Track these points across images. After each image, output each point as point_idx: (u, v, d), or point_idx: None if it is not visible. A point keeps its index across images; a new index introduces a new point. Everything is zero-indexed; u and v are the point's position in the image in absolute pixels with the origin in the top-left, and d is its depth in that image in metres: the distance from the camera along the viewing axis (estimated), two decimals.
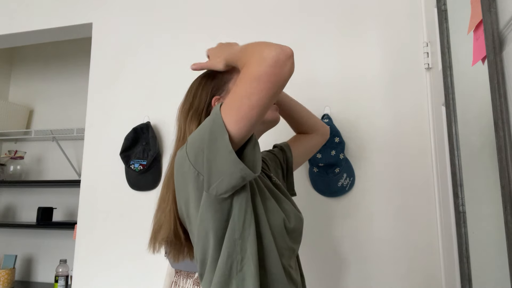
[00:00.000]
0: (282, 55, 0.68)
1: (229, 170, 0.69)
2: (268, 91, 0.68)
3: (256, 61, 0.69)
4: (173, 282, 1.06)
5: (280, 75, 0.68)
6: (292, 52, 0.70)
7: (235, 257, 0.74)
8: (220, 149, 0.69)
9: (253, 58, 0.70)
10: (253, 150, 0.73)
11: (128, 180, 1.65)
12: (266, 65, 0.67)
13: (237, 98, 0.69)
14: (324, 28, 1.52)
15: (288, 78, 0.70)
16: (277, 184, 0.93)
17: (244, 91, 0.69)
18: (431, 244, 1.30)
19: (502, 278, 0.72)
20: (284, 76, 0.69)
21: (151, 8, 1.78)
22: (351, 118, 1.44)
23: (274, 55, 0.68)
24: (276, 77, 0.68)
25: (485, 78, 0.76)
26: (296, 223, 0.83)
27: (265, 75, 0.67)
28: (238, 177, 0.70)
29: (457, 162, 1.02)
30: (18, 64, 3.09)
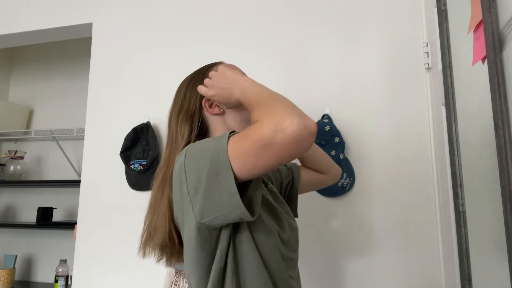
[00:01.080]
0: (304, 133, 0.60)
1: (226, 210, 0.65)
2: (277, 159, 0.62)
3: (273, 126, 0.61)
4: (173, 282, 1.06)
5: (295, 151, 0.62)
6: (316, 128, 0.62)
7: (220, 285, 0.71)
8: (222, 187, 0.64)
9: (270, 120, 0.62)
10: (254, 191, 0.68)
11: (128, 180, 1.65)
12: (283, 137, 0.60)
13: (245, 152, 0.63)
14: (324, 28, 1.52)
15: (304, 153, 0.65)
16: (273, 191, 0.90)
17: (252, 150, 0.62)
18: (431, 244, 1.30)
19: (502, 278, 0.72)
20: (300, 152, 0.63)
21: (151, 8, 1.78)
22: (351, 118, 1.44)
23: (295, 130, 0.59)
24: (290, 152, 0.61)
25: (485, 78, 0.76)
26: (290, 232, 0.81)
27: (278, 147, 0.60)
28: (235, 218, 0.66)
29: (457, 162, 1.02)
30: (18, 64, 3.09)
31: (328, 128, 1.39)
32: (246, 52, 1.59)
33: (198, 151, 0.70)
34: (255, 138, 0.62)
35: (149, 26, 1.76)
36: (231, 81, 0.78)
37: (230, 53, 1.60)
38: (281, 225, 0.80)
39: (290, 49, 1.55)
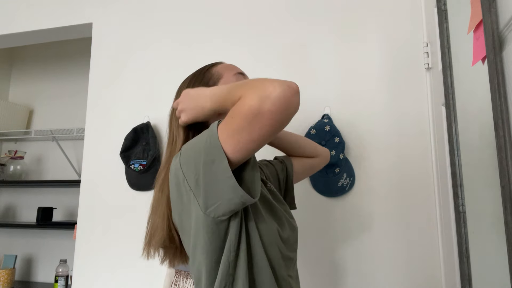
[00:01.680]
0: (289, 93, 0.62)
1: (227, 195, 0.66)
2: (270, 128, 0.63)
3: (257, 96, 0.62)
4: (173, 282, 1.06)
5: (285, 113, 0.63)
6: (298, 88, 0.64)
7: (228, 279, 0.72)
8: (218, 173, 0.65)
9: (253, 92, 0.63)
10: (252, 172, 0.69)
11: (128, 180, 1.65)
12: (271, 102, 0.61)
13: (236, 130, 0.64)
14: (324, 28, 1.52)
15: (292, 116, 0.65)
16: (272, 190, 0.91)
17: (244, 125, 0.63)
18: (431, 244, 1.30)
19: (502, 278, 0.72)
20: (290, 114, 0.64)
21: (151, 8, 1.78)
22: (351, 118, 1.44)
23: (280, 92, 0.61)
24: (282, 115, 0.63)
25: (485, 78, 0.76)
26: (289, 231, 0.81)
27: (269, 113, 0.61)
28: (237, 202, 0.67)
29: (457, 162, 1.02)
30: (18, 64, 3.09)
31: (328, 128, 1.39)
32: (246, 52, 1.59)
33: (191, 146, 0.71)
34: (243, 113, 0.63)
35: (149, 26, 1.76)
36: (196, 97, 0.79)
37: (230, 53, 1.60)
38: (281, 224, 0.80)
39: (290, 49, 1.55)
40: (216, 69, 0.90)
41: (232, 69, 0.90)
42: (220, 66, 0.91)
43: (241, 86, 0.68)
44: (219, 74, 0.89)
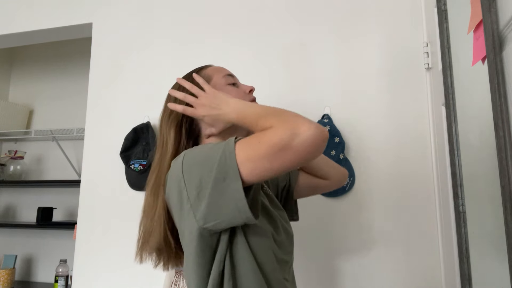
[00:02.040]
0: (320, 137, 0.63)
1: (232, 214, 0.66)
2: (292, 164, 0.64)
3: (290, 131, 0.63)
4: (173, 282, 1.06)
5: (311, 154, 0.64)
6: (328, 135, 0.65)
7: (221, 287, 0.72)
8: (228, 192, 0.65)
9: (287, 126, 0.63)
10: (256, 194, 0.69)
11: (128, 180, 1.65)
12: (301, 141, 0.62)
13: (259, 156, 0.64)
14: (324, 28, 1.52)
15: (316, 157, 0.67)
16: (269, 194, 0.90)
17: (268, 154, 0.63)
18: (431, 244, 1.30)
19: (502, 278, 0.72)
20: (314, 156, 0.65)
21: (151, 8, 1.78)
22: (351, 118, 1.44)
23: (312, 134, 0.62)
24: (307, 155, 0.64)
25: (485, 78, 0.76)
26: (284, 235, 0.81)
27: (296, 150, 0.62)
28: (240, 222, 0.67)
29: (457, 162, 1.02)
30: (18, 64, 3.09)
31: (328, 128, 1.39)
32: (246, 52, 1.59)
33: (199, 156, 0.70)
34: (272, 142, 0.63)
35: (149, 26, 1.76)
36: (220, 101, 0.79)
37: (230, 53, 1.60)
38: (275, 228, 0.79)
39: (290, 49, 1.55)
40: (205, 72, 0.90)
41: (221, 71, 0.91)
42: (209, 68, 0.92)
43: (275, 115, 0.68)
44: (208, 77, 0.89)
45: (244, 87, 0.91)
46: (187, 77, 0.91)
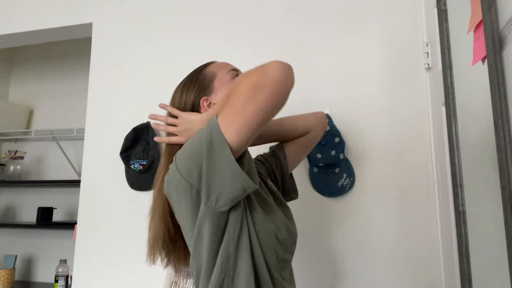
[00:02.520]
0: (285, 66, 0.69)
1: (230, 182, 0.68)
2: (272, 98, 0.67)
3: (257, 73, 0.69)
4: (173, 282, 1.06)
5: (285, 82, 0.69)
6: (291, 66, 0.71)
7: (228, 272, 0.73)
8: (221, 161, 0.67)
9: (251, 73, 0.70)
10: (249, 163, 0.72)
11: (128, 180, 1.65)
12: (271, 73, 0.68)
13: (238, 106, 0.67)
14: (324, 28, 1.52)
15: (291, 89, 0.70)
16: (273, 191, 0.91)
17: (246, 99, 0.67)
18: (431, 244, 1.30)
19: (502, 278, 0.72)
20: (289, 84, 0.69)
21: (151, 8, 1.78)
22: (351, 118, 1.44)
23: (278, 64, 0.69)
24: (281, 84, 0.68)
25: (485, 78, 0.76)
26: (287, 233, 0.82)
27: (270, 83, 0.67)
28: (239, 189, 0.69)
29: (457, 162, 1.02)
30: (18, 64, 3.09)
31: (328, 128, 1.39)
32: (245, 52, 1.59)
33: (188, 147, 0.73)
34: (246, 88, 0.68)
35: (149, 26, 1.76)
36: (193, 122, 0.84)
37: (231, 53, 1.60)
38: (278, 226, 0.80)
39: (290, 49, 1.55)
40: (210, 69, 0.92)
41: (224, 67, 0.92)
42: (213, 65, 0.93)
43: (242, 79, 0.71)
44: (213, 73, 0.91)
45: None
46: (192, 75, 0.93)
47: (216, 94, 0.89)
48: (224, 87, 0.89)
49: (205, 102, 0.88)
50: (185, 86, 0.91)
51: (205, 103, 0.88)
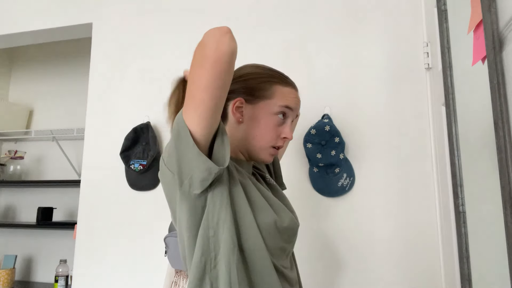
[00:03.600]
0: (216, 32, 0.68)
1: (195, 164, 0.70)
2: (213, 70, 0.67)
3: (195, 53, 0.70)
4: (173, 282, 1.06)
5: (218, 49, 0.67)
6: (228, 29, 0.69)
7: (209, 255, 0.75)
8: (185, 146, 0.70)
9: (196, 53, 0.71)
10: (222, 144, 0.73)
11: (128, 180, 1.65)
12: (203, 48, 0.68)
13: (188, 91, 0.70)
14: (324, 28, 1.52)
15: (229, 52, 0.68)
16: (272, 184, 0.92)
17: (191, 80, 0.69)
18: (431, 244, 1.30)
19: (502, 278, 0.72)
20: (223, 49, 0.67)
21: (151, 8, 1.78)
22: (351, 118, 1.44)
23: (208, 35, 0.68)
24: (216, 52, 0.67)
25: (485, 78, 0.76)
26: (289, 224, 0.82)
27: (205, 56, 0.67)
28: (205, 170, 0.70)
29: (457, 162, 1.02)
30: (18, 64, 3.09)
31: (328, 128, 1.39)
32: (246, 52, 1.58)
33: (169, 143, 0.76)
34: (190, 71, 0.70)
35: (149, 26, 1.76)
36: None
37: None
38: (279, 216, 0.81)
39: (290, 48, 1.55)
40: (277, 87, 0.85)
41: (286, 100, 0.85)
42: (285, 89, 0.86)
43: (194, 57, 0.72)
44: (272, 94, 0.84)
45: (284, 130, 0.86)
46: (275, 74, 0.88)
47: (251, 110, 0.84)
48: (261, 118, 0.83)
49: (235, 105, 0.83)
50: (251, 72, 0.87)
51: (234, 106, 0.83)
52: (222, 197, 0.74)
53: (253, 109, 0.84)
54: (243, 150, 0.86)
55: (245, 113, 0.84)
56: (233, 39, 0.69)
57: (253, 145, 0.84)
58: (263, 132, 0.83)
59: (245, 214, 0.76)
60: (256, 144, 0.84)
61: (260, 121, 0.83)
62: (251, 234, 0.76)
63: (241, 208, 0.76)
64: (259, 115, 0.83)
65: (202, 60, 0.68)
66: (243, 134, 0.85)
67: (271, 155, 0.86)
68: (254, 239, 0.76)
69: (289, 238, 0.83)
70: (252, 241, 0.76)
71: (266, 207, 0.79)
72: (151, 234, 1.57)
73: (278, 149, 0.86)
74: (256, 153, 0.85)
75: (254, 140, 0.84)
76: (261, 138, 0.84)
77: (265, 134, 0.83)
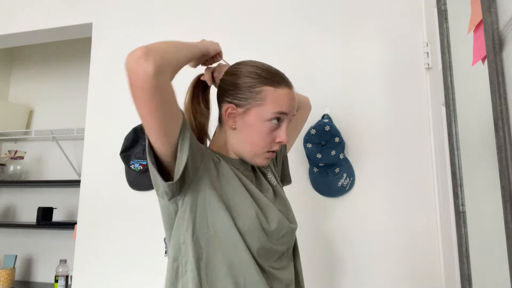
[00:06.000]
0: (130, 60, 0.64)
1: (155, 179, 0.74)
2: (143, 98, 0.67)
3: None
4: None
5: (137, 79, 0.65)
6: (142, 50, 0.63)
7: (180, 261, 0.76)
8: (149, 162, 0.74)
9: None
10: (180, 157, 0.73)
11: (128, 180, 1.65)
12: (127, 77, 0.67)
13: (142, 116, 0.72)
14: (324, 28, 1.52)
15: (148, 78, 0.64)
16: (272, 184, 0.92)
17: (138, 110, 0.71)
18: (431, 244, 1.30)
19: (502, 278, 0.72)
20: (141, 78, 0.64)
21: (151, 8, 1.78)
22: (351, 118, 1.44)
23: (125, 64, 0.66)
24: (136, 82, 0.65)
25: (485, 78, 0.76)
26: (277, 227, 0.81)
27: (130, 86, 0.67)
28: (161, 186, 0.73)
29: (457, 162, 1.02)
30: (18, 64, 3.09)
31: (328, 128, 1.39)
32: (246, 52, 1.59)
33: None
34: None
35: (149, 26, 1.76)
36: None
37: (230, 52, 1.59)
38: (267, 216, 0.80)
39: (290, 49, 1.55)
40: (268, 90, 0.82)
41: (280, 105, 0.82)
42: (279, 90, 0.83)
43: None
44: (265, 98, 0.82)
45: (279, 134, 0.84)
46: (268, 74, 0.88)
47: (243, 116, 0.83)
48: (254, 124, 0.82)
49: (230, 109, 0.83)
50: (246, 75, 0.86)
51: (227, 112, 0.83)
52: (191, 203, 0.76)
53: (246, 116, 0.82)
54: (239, 154, 0.86)
55: (237, 119, 0.83)
56: (150, 61, 0.63)
57: (248, 151, 0.84)
58: (256, 139, 0.82)
59: (222, 218, 0.76)
60: (251, 150, 0.84)
61: (253, 127, 0.82)
62: (229, 238, 0.75)
63: (216, 213, 0.76)
64: (251, 121, 0.82)
65: (130, 90, 0.67)
66: (237, 140, 0.85)
67: (266, 159, 0.85)
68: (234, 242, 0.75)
69: (279, 240, 0.82)
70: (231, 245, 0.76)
71: (249, 210, 0.78)
72: (151, 234, 1.56)
73: (274, 152, 0.86)
74: (251, 158, 0.85)
75: (248, 146, 0.84)
76: (256, 144, 0.83)
77: (259, 141, 0.82)
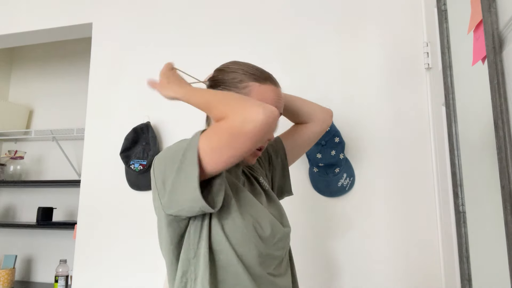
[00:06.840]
0: (271, 118, 0.67)
1: (190, 203, 0.70)
2: (252, 145, 0.68)
3: (241, 119, 0.67)
4: None
5: (265, 135, 0.68)
6: (278, 113, 0.69)
7: (189, 276, 0.75)
8: (186, 181, 0.69)
9: (236, 114, 0.67)
10: (219, 185, 0.73)
11: (128, 180, 1.65)
12: (254, 126, 0.66)
13: (219, 145, 0.68)
14: (324, 28, 1.52)
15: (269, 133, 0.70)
16: (265, 189, 0.92)
17: (226, 142, 0.68)
18: (431, 244, 1.30)
19: (502, 278, 0.72)
20: (268, 135, 0.69)
21: (151, 8, 1.78)
22: (351, 118, 1.44)
23: (263, 118, 0.66)
24: (261, 137, 0.67)
25: (485, 78, 0.76)
26: (272, 231, 0.81)
27: (252, 134, 0.66)
28: (197, 211, 0.71)
29: (457, 162, 1.02)
30: (18, 64, 3.09)
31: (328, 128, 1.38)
32: (246, 52, 1.59)
33: (169, 151, 0.74)
34: (228, 132, 0.67)
35: (149, 26, 1.76)
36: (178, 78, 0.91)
37: (230, 52, 1.60)
38: (260, 222, 0.80)
39: (290, 49, 1.55)
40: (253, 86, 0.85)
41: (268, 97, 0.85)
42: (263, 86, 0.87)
43: (225, 104, 0.71)
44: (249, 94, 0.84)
45: None
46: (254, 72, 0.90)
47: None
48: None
49: None
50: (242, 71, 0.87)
51: None
52: (201, 218, 0.75)
53: None
54: None
55: None
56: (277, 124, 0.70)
57: None
58: None
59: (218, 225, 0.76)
60: None
61: None
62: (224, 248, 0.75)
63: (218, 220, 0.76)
64: None
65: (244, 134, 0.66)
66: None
67: (253, 157, 0.87)
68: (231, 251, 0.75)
69: (276, 245, 0.81)
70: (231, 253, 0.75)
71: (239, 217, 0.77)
72: (151, 234, 1.56)
73: (260, 150, 0.87)
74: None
75: None
76: None
77: None
